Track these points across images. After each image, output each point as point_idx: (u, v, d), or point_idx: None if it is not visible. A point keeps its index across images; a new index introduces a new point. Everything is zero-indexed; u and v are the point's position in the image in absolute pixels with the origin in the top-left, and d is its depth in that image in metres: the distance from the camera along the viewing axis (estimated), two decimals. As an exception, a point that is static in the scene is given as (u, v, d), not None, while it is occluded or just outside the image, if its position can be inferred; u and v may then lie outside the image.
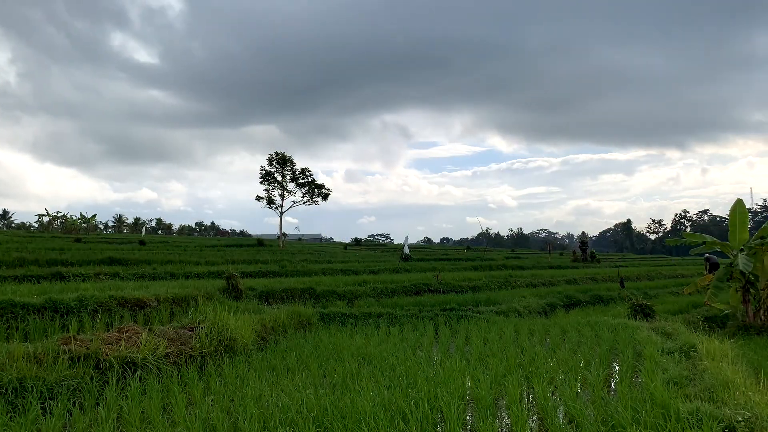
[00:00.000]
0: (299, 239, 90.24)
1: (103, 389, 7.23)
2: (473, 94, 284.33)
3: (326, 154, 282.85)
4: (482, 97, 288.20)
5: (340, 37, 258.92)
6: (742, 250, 17.32)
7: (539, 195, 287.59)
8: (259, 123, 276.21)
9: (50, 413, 6.29)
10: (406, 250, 42.83)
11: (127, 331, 9.11)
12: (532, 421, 6.55)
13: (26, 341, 8.95)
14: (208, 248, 40.41)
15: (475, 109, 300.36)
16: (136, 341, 8.62)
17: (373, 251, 57.18)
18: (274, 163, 59.25)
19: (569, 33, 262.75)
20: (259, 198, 59.96)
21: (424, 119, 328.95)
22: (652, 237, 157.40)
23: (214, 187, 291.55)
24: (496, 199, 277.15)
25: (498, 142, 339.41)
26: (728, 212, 18.24)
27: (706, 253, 20.20)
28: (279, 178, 59.73)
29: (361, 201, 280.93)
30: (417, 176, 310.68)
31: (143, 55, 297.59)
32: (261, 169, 59.37)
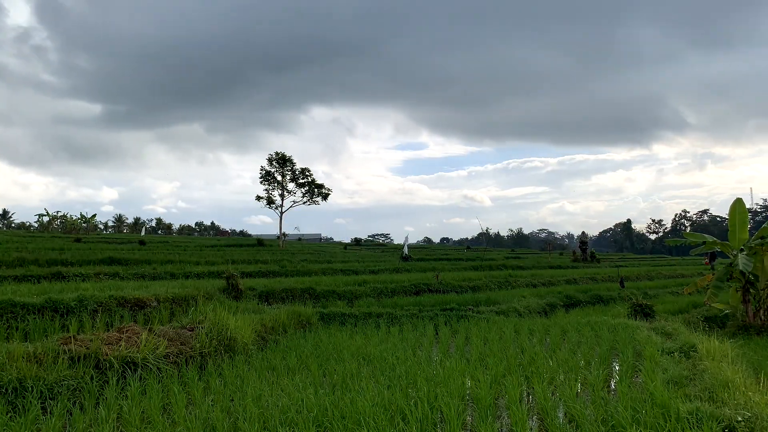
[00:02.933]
0: (299, 239, 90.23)
1: (103, 389, 7.23)
2: (396, 92, 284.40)
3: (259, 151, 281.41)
4: (405, 94, 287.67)
5: (244, 33, 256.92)
6: (742, 250, 17.32)
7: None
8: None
9: (50, 413, 6.30)
10: (406, 250, 42.84)
11: (127, 331, 9.11)
12: (532, 421, 6.55)
13: (26, 341, 8.96)
14: (207, 248, 40.39)
15: (401, 108, 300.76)
16: (136, 341, 8.62)
17: (373, 251, 57.18)
18: (273, 163, 59.23)
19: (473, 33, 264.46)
20: (259, 198, 59.92)
21: (360, 115, 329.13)
22: (652, 237, 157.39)
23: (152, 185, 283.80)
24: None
25: (430, 140, 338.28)
26: (727, 212, 18.23)
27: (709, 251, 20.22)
28: (279, 178, 59.72)
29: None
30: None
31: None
32: (261, 169, 59.34)
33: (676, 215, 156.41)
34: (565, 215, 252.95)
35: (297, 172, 60.18)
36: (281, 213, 60.77)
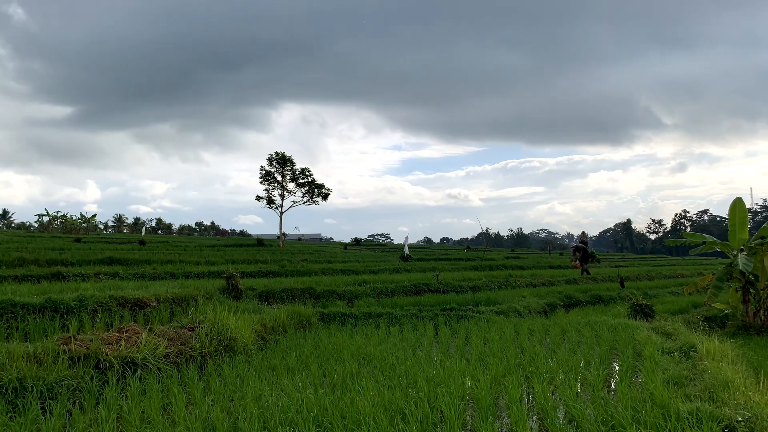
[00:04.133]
0: (299, 239, 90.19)
1: (103, 389, 7.23)
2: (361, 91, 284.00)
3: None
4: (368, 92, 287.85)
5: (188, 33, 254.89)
6: (742, 250, 17.32)
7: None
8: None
9: (50, 413, 6.30)
10: (406, 250, 42.83)
11: (127, 331, 9.11)
12: (532, 421, 6.55)
13: (26, 341, 8.96)
14: (207, 248, 40.37)
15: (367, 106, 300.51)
16: (136, 341, 8.62)
17: (373, 251, 57.16)
18: (274, 162, 59.25)
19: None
20: (259, 198, 59.95)
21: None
22: (652, 237, 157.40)
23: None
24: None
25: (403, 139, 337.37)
26: (726, 212, 18.24)
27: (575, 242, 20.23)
28: (279, 178, 59.73)
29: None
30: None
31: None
32: (261, 169, 59.38)
33: (676, 215, 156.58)
34: (555, 215, 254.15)
35: (297, 172, 60.23)
36: (281, 213, 60.79)
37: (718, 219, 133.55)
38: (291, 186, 60.39)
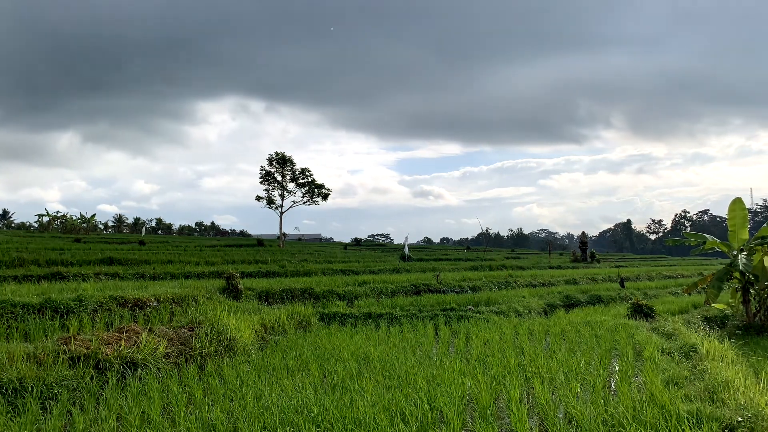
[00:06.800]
0: (299, 239, 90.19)
1: (103, 389, 7.23)
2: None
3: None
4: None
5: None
6: (742, 250, 17.32)
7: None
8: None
9: (50, 413, 6.29)
10: (406, 250, 42.86)
11: (127, 331, 9.11)
12: (532, 421, 6.55)
13: (26, 341, 8.96)
14: (207, 248, 40.37)
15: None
16: (136, 341, 8.62)
17: (373, 251, 57.17)
18: (274, 163, 59.27)
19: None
20: (259, 198, 59.98)
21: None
22: (652, 237, 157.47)
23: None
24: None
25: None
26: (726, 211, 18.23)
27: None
28: (279, 178, 59.74)
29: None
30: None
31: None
32: (261, 169, 59.42)
33: (676, 215, 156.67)
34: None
35: (297, 173, 60.25)
36: (281, 213, 60.80)
37: (718, 219, 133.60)
38: (291, 186, 60.46)
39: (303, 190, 60.79)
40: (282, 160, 59.27)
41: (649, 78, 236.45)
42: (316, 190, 60.85)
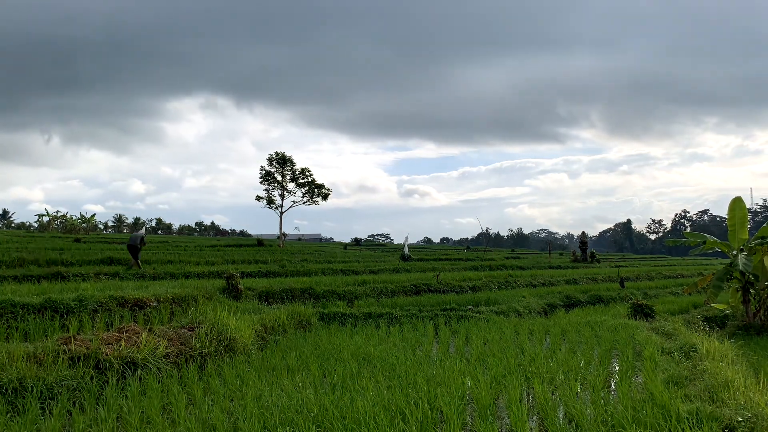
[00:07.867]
0: (299, 239, 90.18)
1: (103, 389, 7.23)
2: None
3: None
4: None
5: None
6: (742, 250, 17.32)
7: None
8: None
9: (50, 413, 6.29)
10: (406, 250, 42.81)
11: (127, 331, 9.11)
12: (532, 421, 6.55)
13: (26, 341, 8.96)
14: (207, 248, 40.34)
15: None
16: (136, 341, 8.61)
17: (373, 251, 57.13)
18: (273, 162, 59.23)
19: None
20: (258, 198, 59.91)
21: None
22: (652, 237, 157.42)
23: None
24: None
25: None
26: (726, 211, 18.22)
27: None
28: (279, 178, 59.70)
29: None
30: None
31: None
32: (261, 169, 59.30)
33: (676, 215, 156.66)
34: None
35: (297, 172, 60.20)
36: (281, 213, 60.77)
37: (718, 219, 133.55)
38: (291, 186, 60.42)
39: (303, 190, 60.76)
40: (282, 160, 59.20)
41: (615, 78, 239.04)
42: (316, 190, 60.81)
